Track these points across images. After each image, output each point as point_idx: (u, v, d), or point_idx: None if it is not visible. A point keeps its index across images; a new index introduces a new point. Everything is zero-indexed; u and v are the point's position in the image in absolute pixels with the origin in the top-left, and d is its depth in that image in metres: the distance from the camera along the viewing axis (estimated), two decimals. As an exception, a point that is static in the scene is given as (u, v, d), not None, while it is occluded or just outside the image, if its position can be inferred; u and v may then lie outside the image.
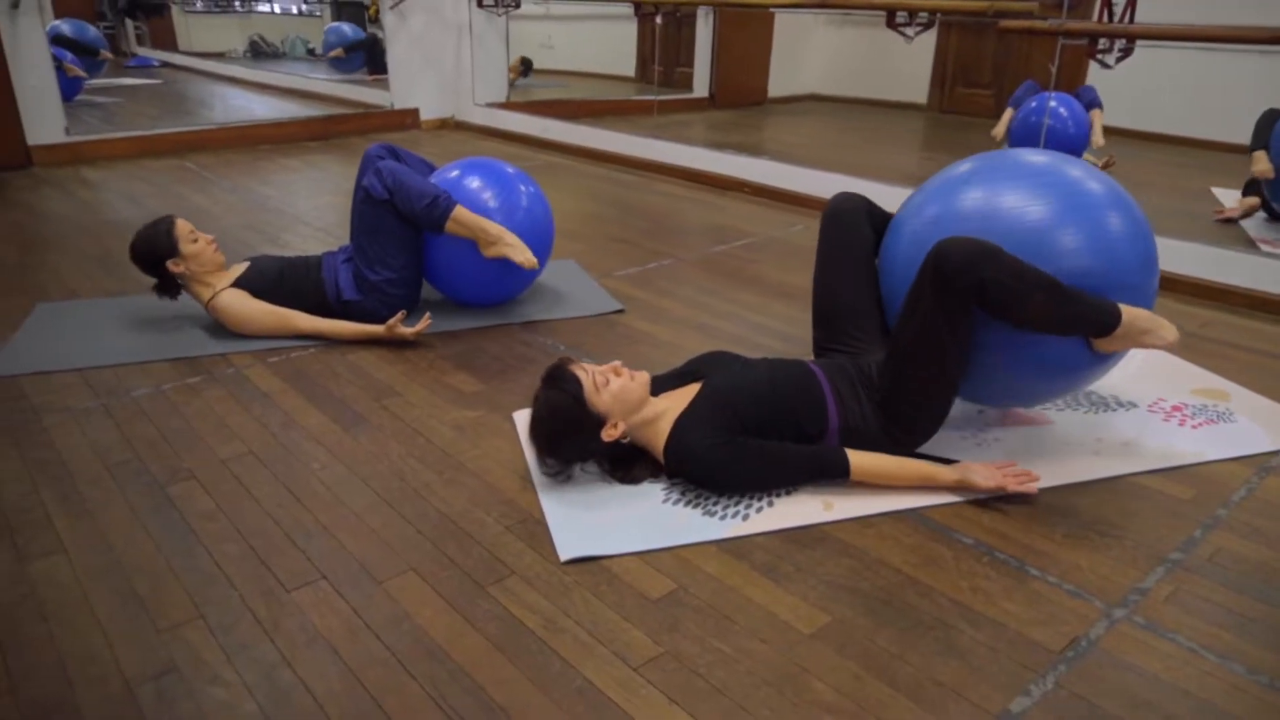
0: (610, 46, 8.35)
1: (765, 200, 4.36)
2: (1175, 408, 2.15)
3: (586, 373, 1.70)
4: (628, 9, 6.46)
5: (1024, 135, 4.39)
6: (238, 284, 2.47)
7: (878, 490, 1.75)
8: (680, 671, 1.29)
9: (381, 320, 2.50)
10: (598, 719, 1.20)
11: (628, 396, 1.70)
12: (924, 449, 1.85)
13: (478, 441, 1.96)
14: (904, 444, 1.82)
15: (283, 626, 1.38)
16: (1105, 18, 2.90)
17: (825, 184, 4.11)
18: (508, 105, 6.24)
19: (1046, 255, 1.67)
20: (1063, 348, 1.73)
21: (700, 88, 7.61)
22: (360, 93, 6.95)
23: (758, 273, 3.10)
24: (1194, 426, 2.05)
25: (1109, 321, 1.68)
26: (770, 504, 1.71)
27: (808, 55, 8.33)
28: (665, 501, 1.71)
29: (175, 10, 10.40)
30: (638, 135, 5.16)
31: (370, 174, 2.46)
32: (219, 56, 9.68)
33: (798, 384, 1.79)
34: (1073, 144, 4.26)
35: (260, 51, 9.88)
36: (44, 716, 1.20)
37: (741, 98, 7.81)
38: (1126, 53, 2.95)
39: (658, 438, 1.73)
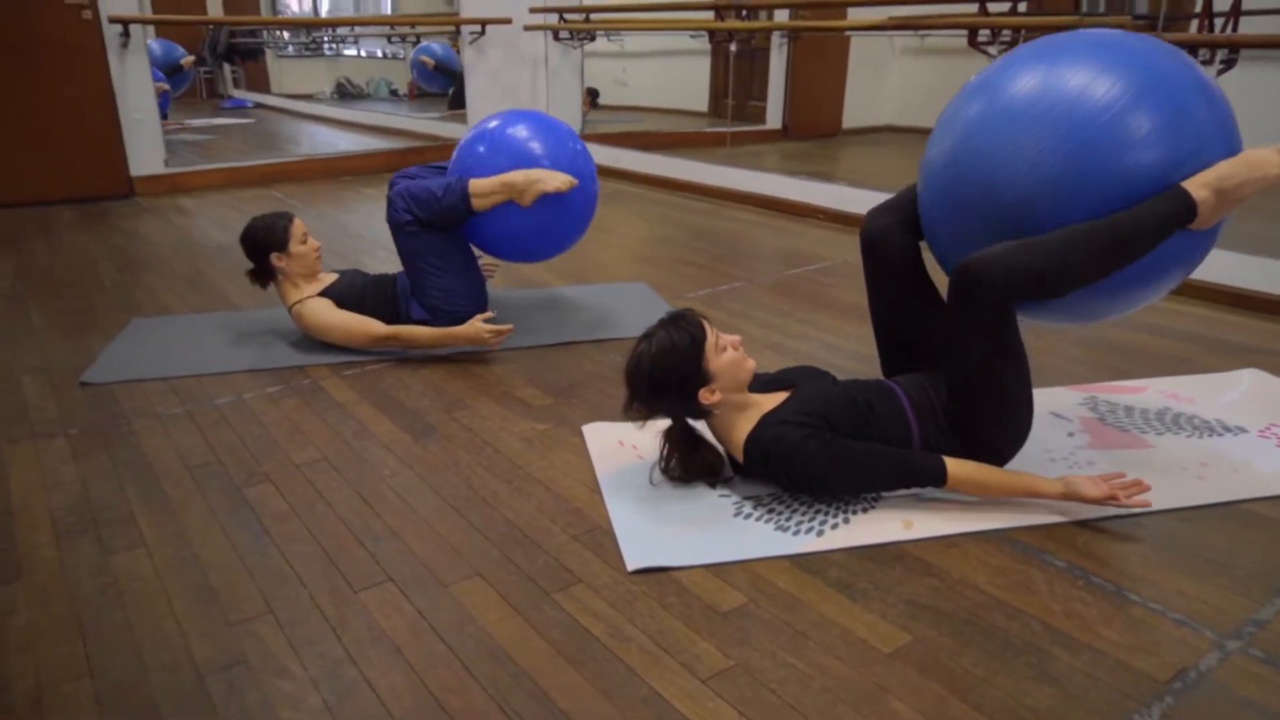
0: (683, 82, 8.42)
1: (840, 226, 4.29)
2: (1287, 433, 2.01)
3: (711, 331, 1.67)
4: (701, 45, 6.52)
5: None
6: (324, 293, 2.53)
7: (959, 508, 1.67)
8: (751, 685, 1.24)
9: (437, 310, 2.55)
10: (665, 730, 1.16)
11: (738, 371, 1.67)
12: (1015, 469, 1.76)
13: (546, 453, 1.94)
14: (997, 460, 1.74)
15: (349, 625, 1.37)
16: (1207, 30, 2.79)
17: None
18: (580, 136, 6.33)
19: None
20: (1154, 254, 1.56)
21: (773, 120, 7.60)
22: (438, 127, 7.15)
23: (832, 296, 3.04)
24: (1308, 451, 1.91)
25: (1182, 211, 1.52)
26: (846, 520, 1.64)
27: (883, 86, 8.26)
28: (736, 515, 1.67)
29: (269, 55, 10.93)
30: (709, 163, 5.16)
31: (389, 206, 2.50)
32: (308, 98, 10.11)
33: (885, 401, 1.73)
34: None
35: (346, 93, 10.30)
36: (119, 700, 1.21)
37: (815, 129, 7.77)
38: (1229, 64, 2.83)
39: (738, 428, 1.69)
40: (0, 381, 2.35)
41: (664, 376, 1.64)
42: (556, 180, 2.44)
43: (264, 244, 2.50)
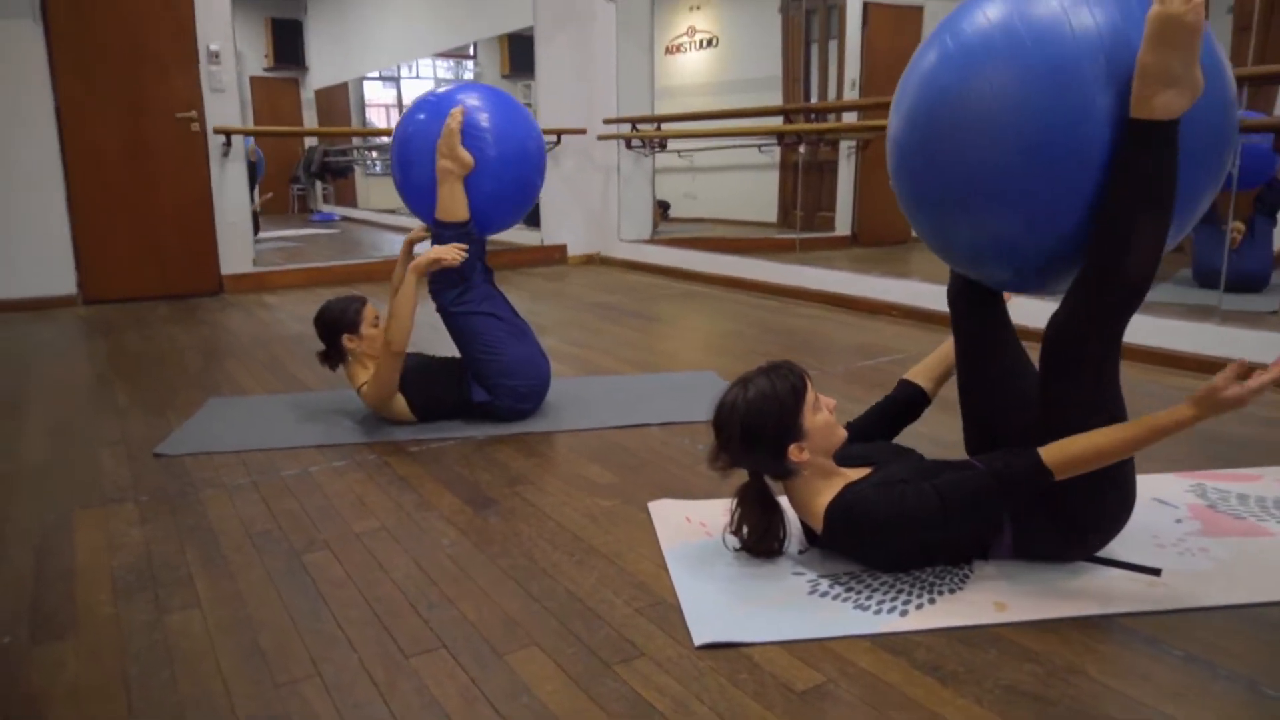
0: (752, 194, 8.58)
1: (914, 321, 4.21)
2: None
3: (811, 388, 1.60)
4: (770, 159, 6.66)
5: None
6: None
7: (1058, 590, 1.53)
8: (832, 770, 1.11)
9: (516, 418, 2.54)
10: (735, 814, 1.04)
11: (830, 434, 1.60)
12: (1118, 554, 1.62)
13: (610, 529, 1.87)
14: (1085, 544, 1.60)
15: (398, 689, 1.29)
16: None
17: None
18: (651, 240, 6.45)
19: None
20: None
21: (842, 228, 7.65)
22: (513, 232, 7.38)
23: (908, 385, 2.94)
24: None
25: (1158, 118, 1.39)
26: (931, 600, 1.51)
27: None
28: (812, 593, 1.55)
29: (358, 173, 11.59)
30: (778, 262, 5.18)
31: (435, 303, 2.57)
32: (391, 212, 10.62)
33: (972, 480, 1.61)
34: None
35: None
36: (153, 759, 1.15)
37: (885, 237, 7.77)
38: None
39: (821, 496, 1.59)
40: (80, 452, 2.40)
41: (759, 423, 1.55)
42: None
43: (336, 325, 2.55)
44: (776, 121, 5.53)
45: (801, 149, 5.73)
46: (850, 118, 5.71)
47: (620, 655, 1.38)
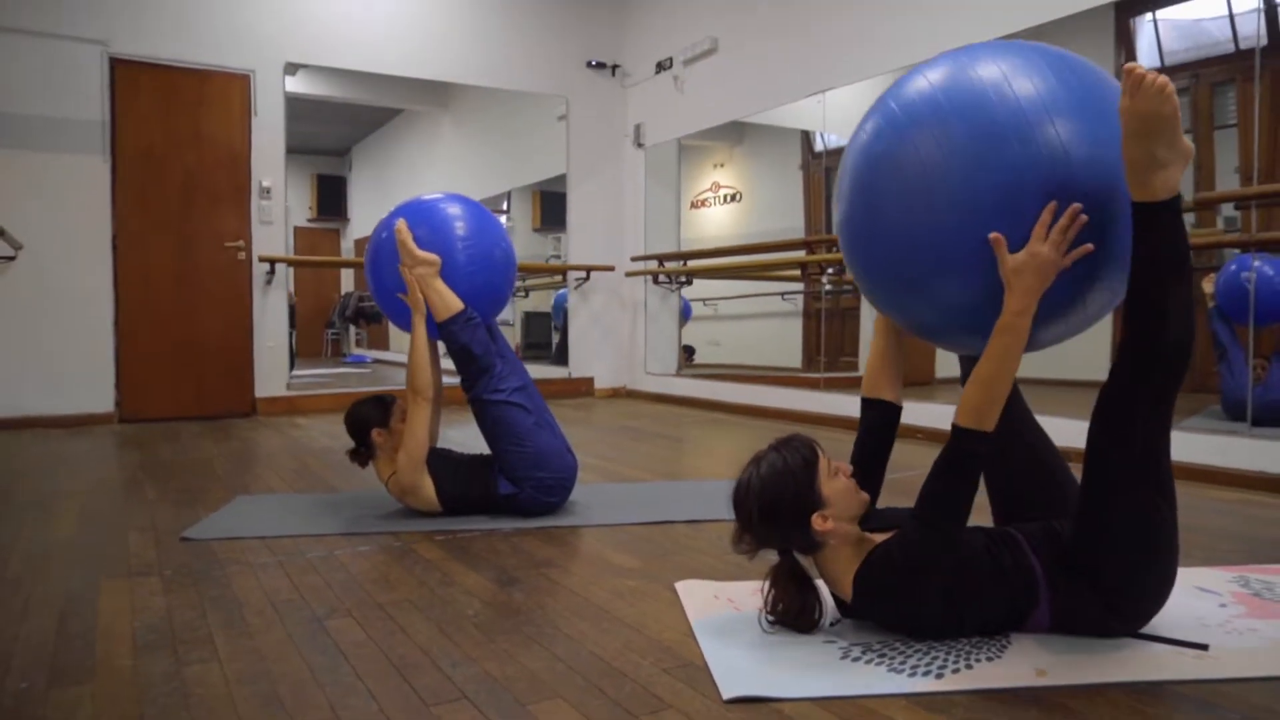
0: (776, 341, 8.74)
1: (938, 442, 4.19)
2: None
3: (824, 456, 1.59)
4: (794, 306, 6.85)
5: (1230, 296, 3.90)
6: (422, 459, 2.57)
7: (1103, 657, 1.47)
8: (870, 808, 1.05)
9: (543, 511, 2.54)
10: (769, 846, 0.98)
11: (851, 499, 1.57)
12: (1161, 631, 1.56)
13: (636, 604, 1.84)
14: (1126, 619, 1.56)
15: (418, 732, 1.25)
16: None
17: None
18: (677, 374, 6.55)
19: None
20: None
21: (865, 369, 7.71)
22: (540, 368, 7.53)
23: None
24: None
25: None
26: (969, 666, 1.46)
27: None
28: (844, 658, 1.50)
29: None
30: (802, 390, 5.23)
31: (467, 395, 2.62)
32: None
33: (1007, 548, 1.59)
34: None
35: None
36: (165, 783, 1.12)
37: (908, 378, 7.80)
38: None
39: (850, 563, 1.56)
40: (109, 534, 2.42)
41: (775, 499, 1.55)
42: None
43: (367, 420, 2.60)
44: (800, 254, 5.72)
45: (826, 286, 5.89)
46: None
47: (647, 709, 1.33)
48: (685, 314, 6.91)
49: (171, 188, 5.10)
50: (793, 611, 1.61)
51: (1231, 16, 3.88)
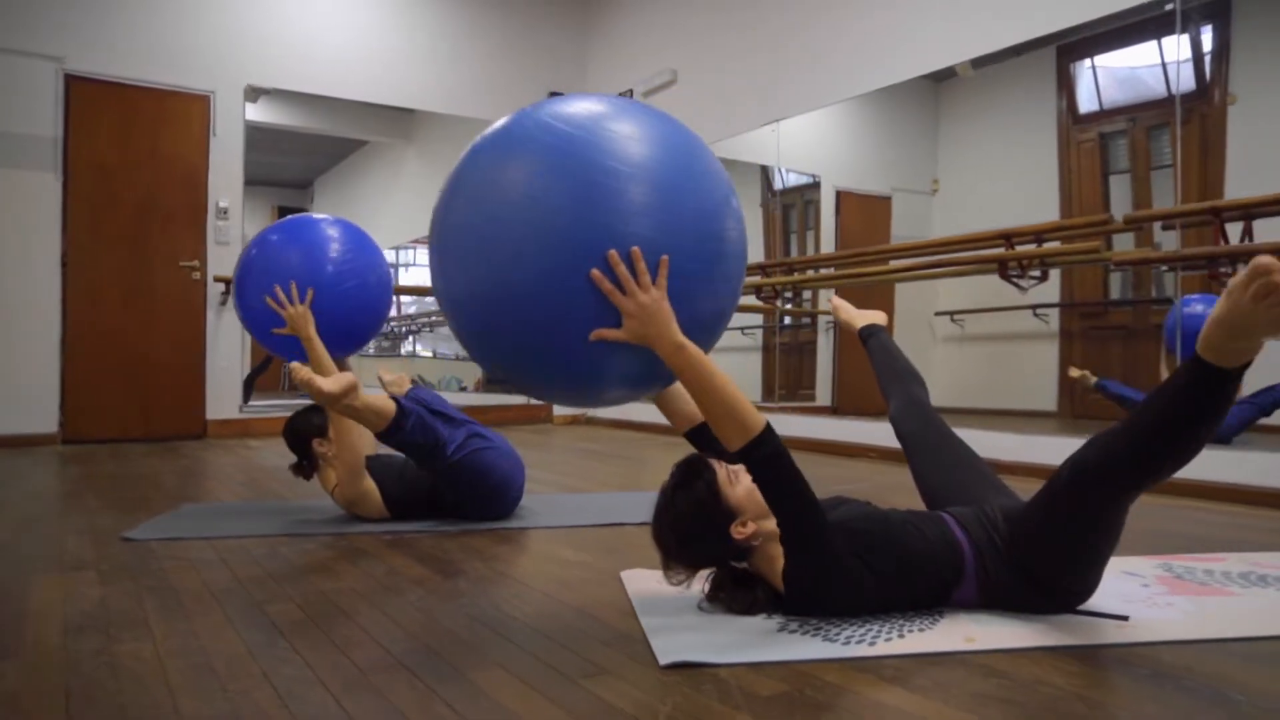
0: (736, 376, 8.80)
1: (890, 462, 4.27)
2: (1392, 590, 1.82)
3: (720, 466, 1.62)
4: (754, 341, 6.95)
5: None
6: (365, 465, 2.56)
7: (1028, 627, 1.52)
8: (795, 749, 1.08)
9: (496, 516, 2.54)
10: (693, 781, 1.00)
11: (756, 496, 1.57)
12: (1090, 605, 1.61)
13: (580, 590, 1.85)
14: (1054, 600, 1.60)
15: (353, 695, 1.25)
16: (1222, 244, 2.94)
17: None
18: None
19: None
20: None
21: (823, 400, 7.83)
22: (499, 394, 7.51)
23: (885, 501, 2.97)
24: None
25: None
26: (901, 635, 1.50)
27: (930, 370, 8.50)
28: (780, 631, 1.53)
29: (354, 355, 11.86)
30: (763, 412, 5.29)
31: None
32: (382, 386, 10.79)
33: (932, 525, 1.64)
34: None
35: (419, 387, 11.02)
36: (91, 738, 1.11)
37: (865, 409, 7.94)
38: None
39: (777, 559, 1.59)
40: (45, 538, 2.37)
41: (689, 526, 1.58)
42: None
43: (306, 429, 2.60)
44: (756, 279, 5.81)
45: (785, 321, 5.99)
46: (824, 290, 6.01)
47: (585, 673, 1.35)
48: None
49: (126, 205, 5.06)
50: (740, 605, 1.64)
51: (1164, 65, 4.08)
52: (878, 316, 2.37)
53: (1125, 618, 1.58)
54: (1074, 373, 4.19)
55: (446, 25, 6.25)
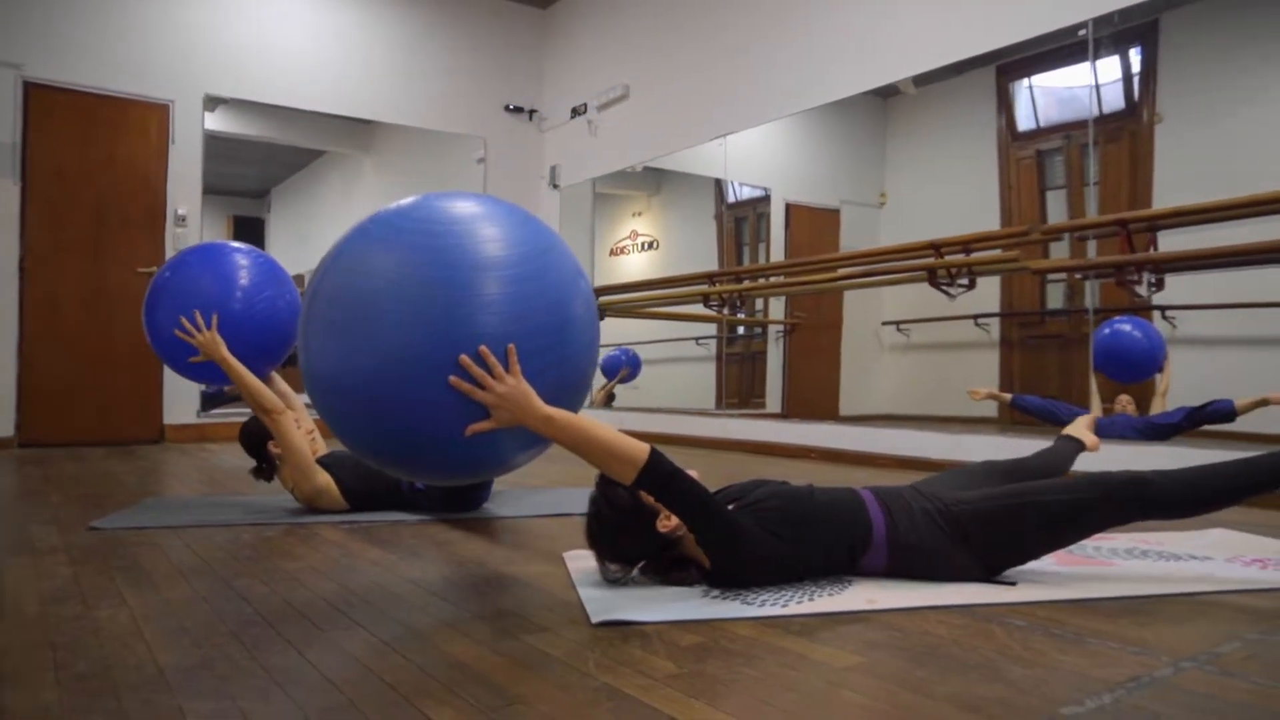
0: (691, 385, 9.03)
1: (831, 462, 4.48)
2: (1257, 559, 2.04)
3: None
4: (708, 351, 7.15)
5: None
6: (320, 462, 2.68)
7: (925, 589, 1.70)
8: (704, 682, 1.24)
9: (455, 508, 2.68)
10: (614, 707, 1.16)
11: None
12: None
13: (525, 566, 2.00)
14: (958, 569, 1.79)
15: (314, 647, 1.40)
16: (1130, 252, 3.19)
17: (884, 440, 4.24)
18: (589, 406, 6.73)
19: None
20: None
21: (773, 406, 8.05)
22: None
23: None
24: (1277, 568, 1.94)
25: None
26: (811, 599, 1.67)
27: (876, 379, 8.77)
28: (704, 596, 1.70)
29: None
30: (709, 417, 5.47)
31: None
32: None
33: (841, 496, 1.83)
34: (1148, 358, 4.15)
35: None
36: (79, 683, 1.23)
37: (813, 415, 8.18)
38: (1158, 284, 3.18)
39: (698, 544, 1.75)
40: (11, 527, 2.46)
41: (617, 528, 1.74)
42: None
43: (259, 432, 2.71)
44: (703, 287, 6.00)
45: (739, 331, 6.19)
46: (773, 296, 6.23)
47: (523, 628, 1.50)
48: (634, 370, 7.10)
49: (84, 212, 5.11)
50: (674, 581, 1.80)
51: (1097, 86, 4.37)
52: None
53: (1012, 583, 1.78)
54: (978, 395, 4.43)
55: (405, 38, 6.38)
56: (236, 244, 2.93)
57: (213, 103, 5.58)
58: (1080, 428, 2.36)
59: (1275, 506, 2.90)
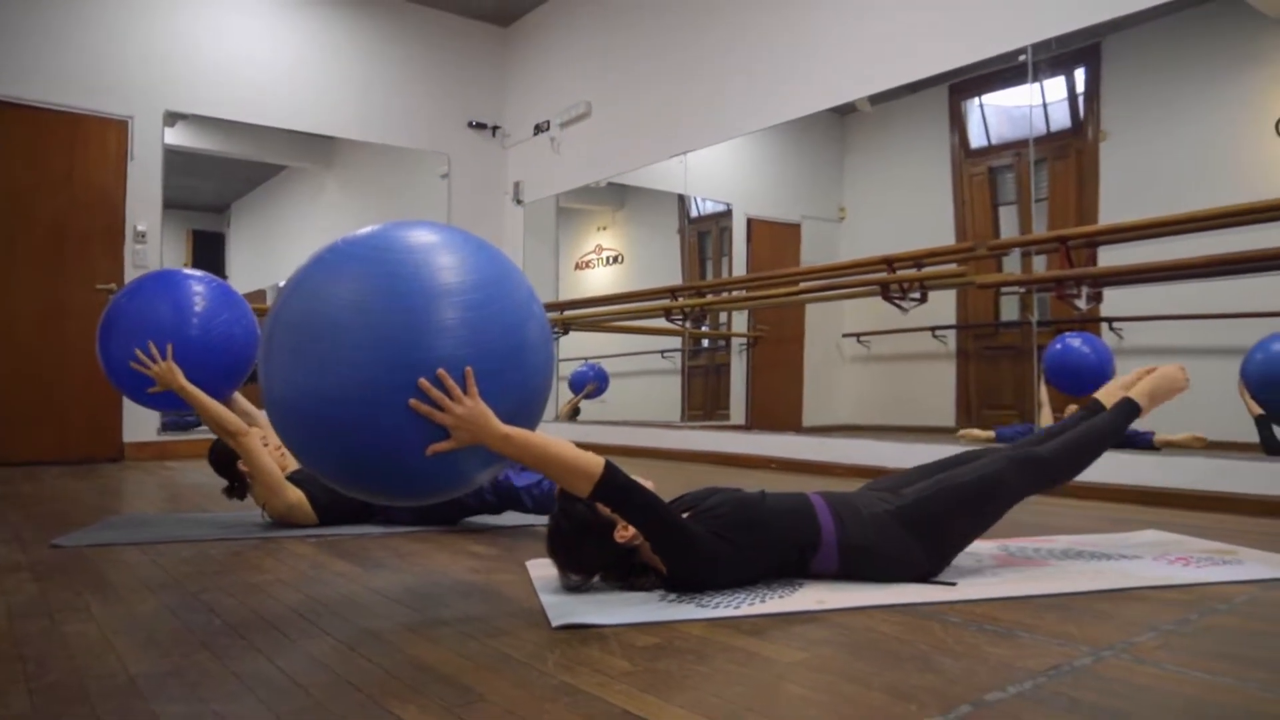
0: (657, 398, 9.12)
1: (791, 472, 4.58)
2: (1180, 558, 2.17)
3: None
4: (673, 364, 7.25)
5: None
6: (290, 478, 2.72)
7: (871, 591, 1.79)
8: (657, 678, 1.32)
9: (421, 520, 2.73)
10: (571, 702, 1.23)
11: None
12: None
13: (489, 575, 2.06)
14: (925, 566, 1.89)
15: (282, 653, 1.45)
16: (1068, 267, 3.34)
17: (842, 450, 4.36)
18: (555, 420, 6.78)
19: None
20: None
21: (737, 418, 8.16)
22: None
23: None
24: (1198, 566, 2.06)
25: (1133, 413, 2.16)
26: (763, 600, 1.75)
27: (837, 390, 8.92)
28: (661, 600, 1.78)
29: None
30: (673, 429, 5.55)
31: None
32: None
33: (790, 501, 1.91)
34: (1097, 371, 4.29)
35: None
36: (51, 693, 1.27)
37: (776, 426, 8.31)
38: (1096, 297, 3.33)
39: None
40: (-26, 546, 2.46)
41: (577, 540, 1.81)
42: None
43: (227, 454, 2.74)
44: (666, 301, 6.09)
45: (704, 344, 6.29)
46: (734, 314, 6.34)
47: (485, 632, 1.57)
48: (602, 385, 7.20)
49: (40, 228, 5.07)
50: (633, 587, 1.87)
51: (1045, 105, 4.54)
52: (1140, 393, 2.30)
53: (953, 584, 1.87)
54: (968, 436, 4.57)
55: (366, 55, 6.43)
56: (188, 270, 2.96)
57: (173, 118, 5.58)
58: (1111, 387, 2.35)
59: (1206, 509, 3.05)
